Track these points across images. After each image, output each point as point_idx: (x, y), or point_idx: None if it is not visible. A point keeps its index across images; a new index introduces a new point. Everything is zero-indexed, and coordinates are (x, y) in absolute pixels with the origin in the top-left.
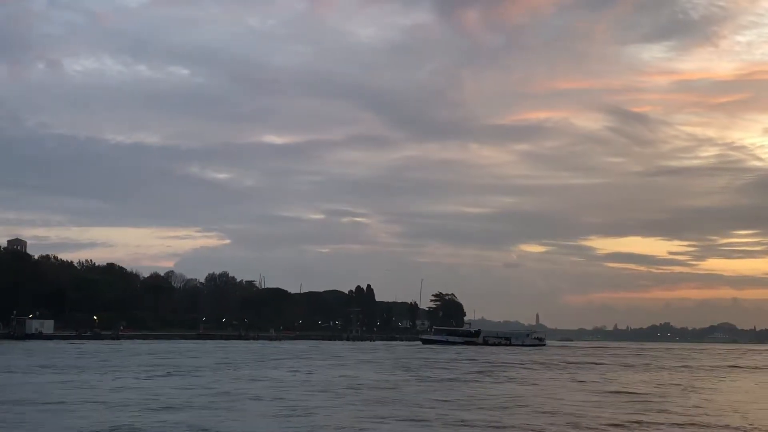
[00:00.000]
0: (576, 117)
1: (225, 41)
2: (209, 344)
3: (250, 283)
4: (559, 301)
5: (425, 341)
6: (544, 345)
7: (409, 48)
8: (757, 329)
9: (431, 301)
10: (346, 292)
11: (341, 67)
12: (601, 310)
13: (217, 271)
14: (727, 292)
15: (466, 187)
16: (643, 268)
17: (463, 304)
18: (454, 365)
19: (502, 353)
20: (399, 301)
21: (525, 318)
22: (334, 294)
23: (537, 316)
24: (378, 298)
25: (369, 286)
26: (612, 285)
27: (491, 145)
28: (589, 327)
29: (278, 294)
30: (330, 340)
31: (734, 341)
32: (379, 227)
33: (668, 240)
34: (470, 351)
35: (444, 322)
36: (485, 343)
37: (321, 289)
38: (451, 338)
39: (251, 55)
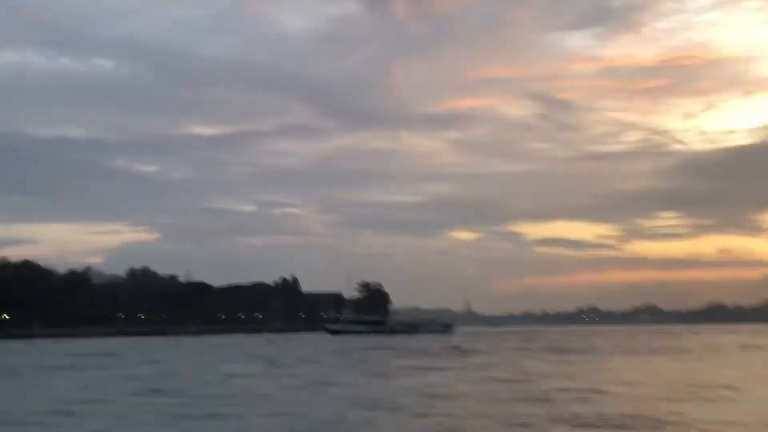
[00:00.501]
0: (504, 105)
1: (150, 32)
2: (127, 341)
3: (173, 277)
4: (491, 288)
5: (331, 332)
6: (450, 332)
7: (337, 37)
8: (682, 311)
9: (356, 290)
10: (272, 284)
11: (270, 56)
12: (532, 295)
13: (146, 266)
14: (652, 275)
15: (397, 175)
16: (571, 252)
17: (393, 293)
18: (327, 355)
19: (398, 341)
20: (330, 291)
21: (457, 305)
22: (260, 286)
23: (468, 303)
24: (312, 289)
25: (294, 277)
26: (542, 270)
27: (422, 133)
28: (518, 312)
29: (200, 288)
30: (253, 333)
31: (659, 323)
32: (312, 218)
33: (595, 224)
34: (369, 340)
35: (370, 311)
36: (392, 331)
37: (253, 282)
38: (356, 327)
39: (177, 45)
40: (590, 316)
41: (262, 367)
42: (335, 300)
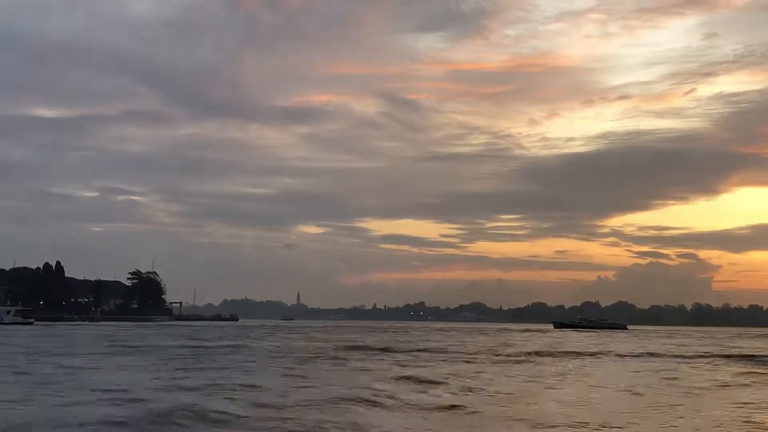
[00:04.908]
0: (355, 102)
1: None
2: None
3: None
4: (332, 282)
5: None
6: (31, 323)
7: (186, 23)
8: (504, 309)
9: (128, 279)
10: (34, 269)
11: (116, 39)
12: (371, 290)
13: None
14: (493, 274)
15: (247, 167)
16: (416, 250)
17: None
18: None
19: None
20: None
21: (292, 298)
22: (20, 272)
23: (298, 295)
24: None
25: (58, 263)
26: (386, 265)
27: (272, 126)
28: (349, 307)
29: None
30: None
31: (480, 320)
32: (156, 206)
33: (439, 223)
34: None
35: (139, 300)
36: None
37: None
38: None
39: (20, 23)
40: (417, 312)
41: None
42: (95, 287)
